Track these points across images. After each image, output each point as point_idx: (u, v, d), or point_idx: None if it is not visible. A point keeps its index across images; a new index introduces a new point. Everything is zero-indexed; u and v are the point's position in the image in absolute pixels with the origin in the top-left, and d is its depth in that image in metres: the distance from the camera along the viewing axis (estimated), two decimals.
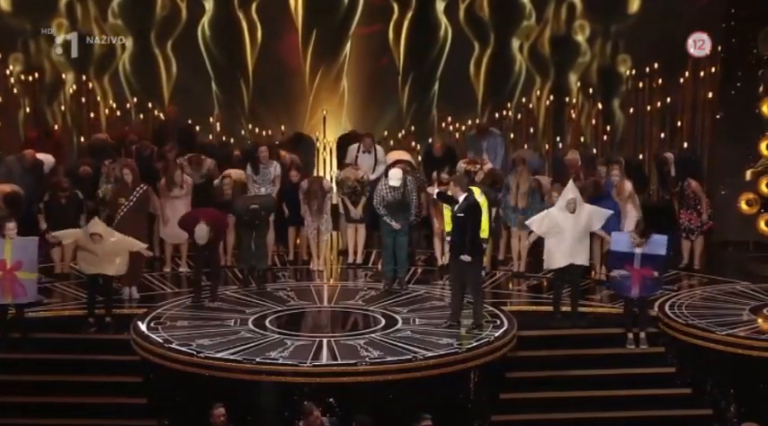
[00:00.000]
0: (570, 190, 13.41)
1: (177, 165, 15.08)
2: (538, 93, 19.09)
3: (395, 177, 14.22)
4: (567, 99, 18.93)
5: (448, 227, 13.30)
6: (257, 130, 18.66)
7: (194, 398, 11.73)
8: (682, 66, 17.84)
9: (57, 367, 12.49)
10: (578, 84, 18.97)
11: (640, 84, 18.36)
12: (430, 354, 11.83)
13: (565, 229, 13.21)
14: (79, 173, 15.22)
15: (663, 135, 17.88)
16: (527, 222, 13.88)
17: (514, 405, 12.42)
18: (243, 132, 18.70)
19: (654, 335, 13.01)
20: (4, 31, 18.28)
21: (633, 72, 18.56)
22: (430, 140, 17.32)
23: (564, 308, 13.38)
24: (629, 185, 14.63)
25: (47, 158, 15.67)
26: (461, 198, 12.65)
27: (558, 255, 13.23)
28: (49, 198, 14.46)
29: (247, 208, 14.18)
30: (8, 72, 18.37)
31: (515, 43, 19.10)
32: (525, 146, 17.59)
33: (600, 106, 18.79)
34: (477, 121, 17.22)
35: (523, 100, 19.04)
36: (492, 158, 16.34)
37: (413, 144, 18.27)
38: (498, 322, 12.85)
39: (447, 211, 13.25)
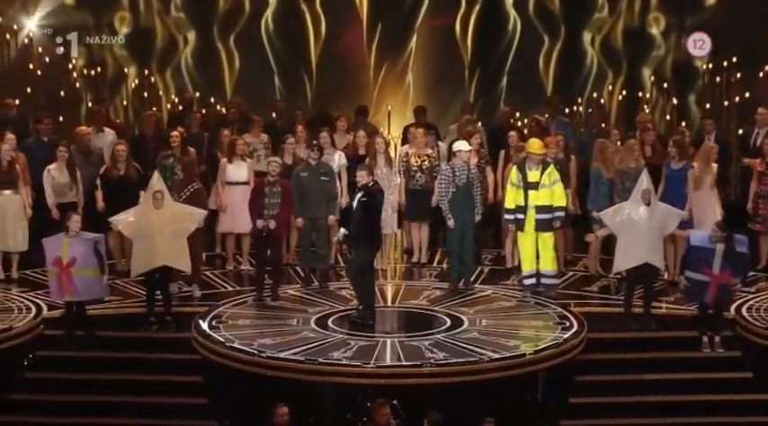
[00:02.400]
0: (644, 181, 12.99)
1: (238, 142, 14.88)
2: (610, 87, 18.88)
3: (463, 145, 13.88)
4: (641, 94, 18.66)
5: (510, 205, 13.28)
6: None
7: (255, 399, 11.62)
8: (761, 59, 17.46)
9: (116, 365, 12.41)
10: (652, 78, 18.72)
11: (717, 79, 18.03)
12: (496, 356, 11.63)
13: (640, 224, 12.79)
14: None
15: (741, 131, 17.43)
16: (598, 214, 13.43)
17: (584, 410, 12.13)
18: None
19: (730, 339, 12.65)
20: (66, 25, 18.26)
21: (710, 66, 18.25)
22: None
23: (635, 310, 13.03)
24: (713, 168, 14.09)
25: (106, 136, 15.56)
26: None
27: (633, 254, 12.82)
28: (105, 172, 14.39)
29: None
30: (71, 66, 18.36)
31: (587, 36, 18.94)
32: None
33: (675, 101, 18.45)
34: (547, 115, 16.94)
35: (594, 94, 18.78)
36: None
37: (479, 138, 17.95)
38: (567, 323, 12.60)
39: (510, 188, 13.20)
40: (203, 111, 17.21)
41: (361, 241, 12.76)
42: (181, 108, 17.72)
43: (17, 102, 16.46)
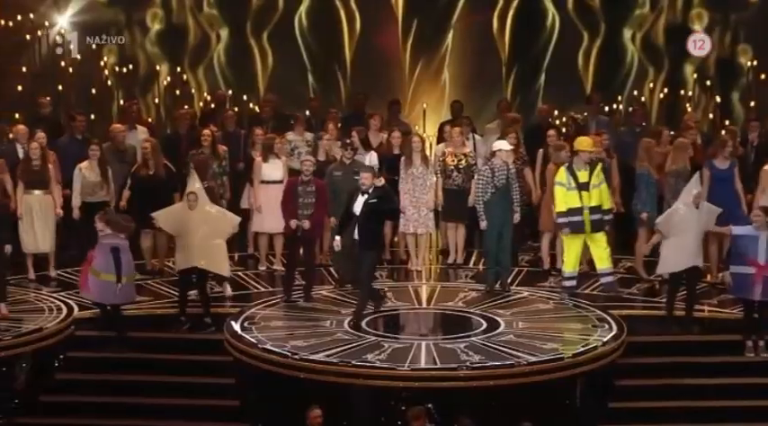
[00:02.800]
0: (696, 184, 12.74)
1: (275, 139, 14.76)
2: (651, 85, 18.62)
3: (503, 145, 13.66)
4: (683, 92, 18.41)
5: (562, 207, 13.03)
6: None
7: (288, 401, 11.47)
8: None
9: (148, 366, 12.35)
10: (695, 75, 18.45)
11: (762, 76, 17.78)
12: (534, 359, 11.46)
13: (689, 227, 12.57)
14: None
15: None
16: (657, 224, 13.07)
17: (624, 415, 11.92)
18: (339, 125, 18.41)
19: None
20: (98, 23, 18.24)
21: (754, 63, 17.99)
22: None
23: (677, 313, 12.84)
24: None
25: (138, 134, 15.50)
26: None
27: (681, 256, 12.61)
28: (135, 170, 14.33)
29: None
30: (102, 63, 18.31)
31: (627, 33, 18.71)
32: None
33: (718, 99, 18.20)
34: (585, 114, 16.72)
35: (635, 92, 18.56)
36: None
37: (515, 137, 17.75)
38: (607, 326, 12.40)
39: (560, 190, 12.92)
40: (235, 109, 17.08)
41: (369, 244, 12.54)
42: (213, 106, 17.62)
43: (48, 99, 16.39)
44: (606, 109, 17.97)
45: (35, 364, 12.22)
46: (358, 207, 12.55)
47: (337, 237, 12.84)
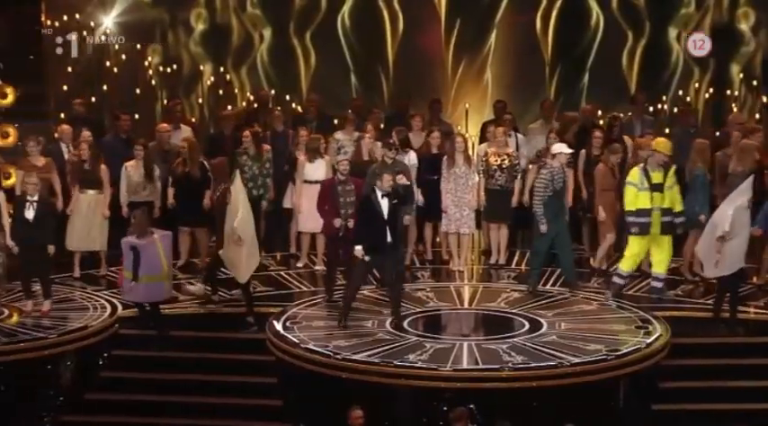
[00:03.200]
0: (749, 186, 12.63)
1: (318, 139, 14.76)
2: (696, 85, 18.44)
3: (563, 148, 13.60)
4: (729, 92, 18.23)
5: (631, 207, 12.98)
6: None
7: (330, 401, 11.48)
8: None
9: (191, 365, 12.35)
10: (741, 75, 18.26)
11: None
12: (577, 360, 11.38)
13: (744, 229, 12.48)
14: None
15: None
16: (726, 228, 12.90)
17: (668, 417, 11.84)
18: (382, 125, 18.39)
19: None
20: (142, 22, 18.34)
21: None
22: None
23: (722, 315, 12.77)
24: None
25: (182, 133, 15.53)
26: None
27: (736, 258, 12.50)
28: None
29: None
30: (147, 63, 18.40)
31: (672, 32, 18.51)
32: None
33: (765, 100, 17.97)
34: (630, 114, 16.59)
35: (680, 92, 18.41)
36: None
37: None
38: (650, 327, 12.31)
39: (631, 190, 12.89)
40: (279, 109, 17.09)
41: (398, 246, 12.44)
42: (256, 106, 17.65)
43: (81, 100, 16.49)
44: (650, 109, 17.88)
45: (80, 362, 12.29)
46: (385, 211, 12.44)
47: (358, 247, 12.55)
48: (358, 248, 12.49)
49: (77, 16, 17.84)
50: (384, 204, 12.45)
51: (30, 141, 14.35)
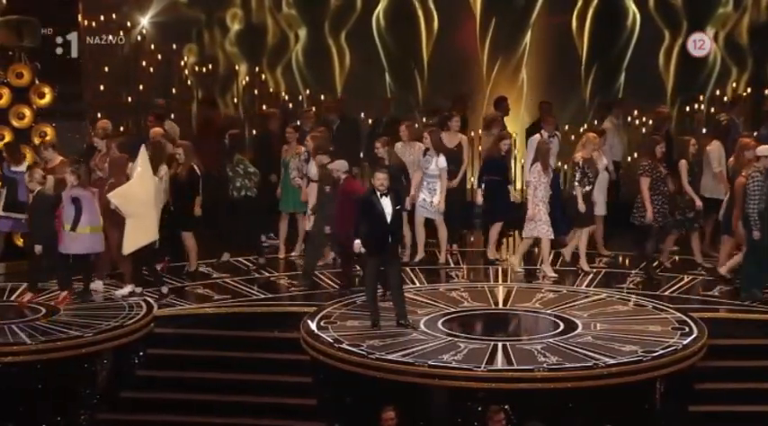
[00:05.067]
0: None
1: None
2: (734, 85, 18.35)
3: (765, 150, 13.26)
4: (767, 91, 18.06)
5: None
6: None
7: (364, 400, 11.50)
8: None
9: (226, 364, 12.39)
10: None
11: None
12: (612, 362, 11.29)
13: None
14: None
15: None
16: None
17: (704, 419, 11.79)
18: (417, 125, 18.39)
19: None
20: (179, 22, 18.46)
21: None
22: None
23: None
24: None
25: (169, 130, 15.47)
26: None
27: None
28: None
29: None
30: (183, 63, 18.47)
31: (710, 32, 18.44)
32: None
33: None
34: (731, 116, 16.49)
35: (717, 92, 18.34)
36: None
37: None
38: (687, 329, 12.22)
39: None
40: (313, 109, 17.12)
41: (397, 249, 12.42)
42: (291, 105, 17.72)
43: (130, 99, 16.60)
44: (687, 108, 17.82)
45: (116, 361, 12.35)
46: (388, 214, 12.25)
47: (357, 241, 12.44)
48: (357, 242, 12.47)
49: (114, 16, 17.96)
50: (386, 204, 12.28)
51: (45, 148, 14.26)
